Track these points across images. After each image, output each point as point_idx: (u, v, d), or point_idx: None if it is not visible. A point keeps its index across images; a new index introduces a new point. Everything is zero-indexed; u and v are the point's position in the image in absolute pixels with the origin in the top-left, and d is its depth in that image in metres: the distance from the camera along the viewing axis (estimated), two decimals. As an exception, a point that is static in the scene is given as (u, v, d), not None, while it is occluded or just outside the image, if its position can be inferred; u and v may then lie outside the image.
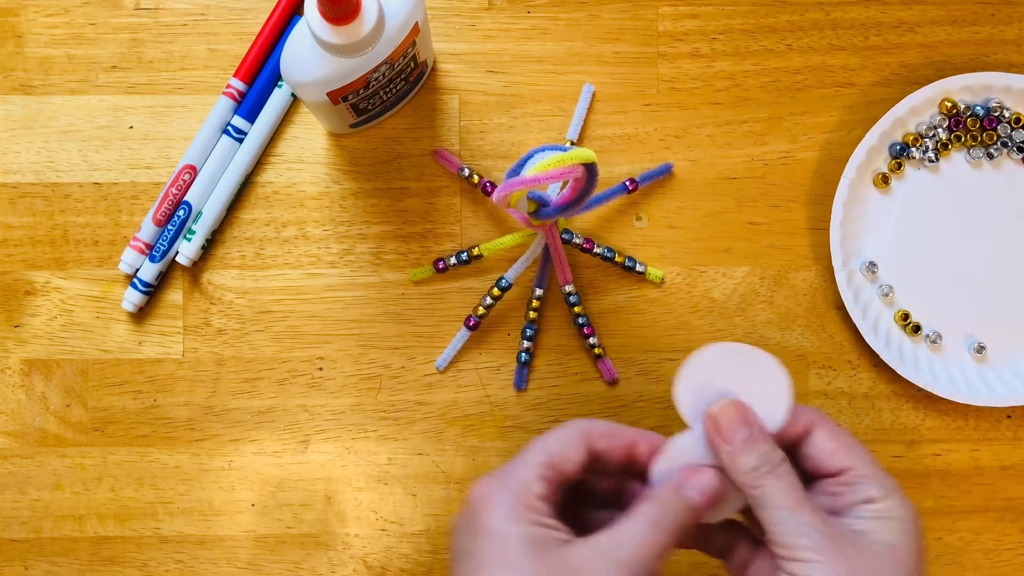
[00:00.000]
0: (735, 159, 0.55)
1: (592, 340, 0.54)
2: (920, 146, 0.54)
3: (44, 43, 0.55)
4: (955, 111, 0.54)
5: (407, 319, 0.54)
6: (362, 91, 0.48)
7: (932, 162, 0.54)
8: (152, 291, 0.54)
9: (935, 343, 0.54)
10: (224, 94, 0.54)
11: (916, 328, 0.54)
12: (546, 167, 0.42)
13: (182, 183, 0.53)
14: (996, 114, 0.54)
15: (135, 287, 0.53)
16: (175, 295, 0.54)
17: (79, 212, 0.54)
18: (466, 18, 0.55)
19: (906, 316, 0.54)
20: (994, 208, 0.55)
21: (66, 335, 0.54)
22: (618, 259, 0.54)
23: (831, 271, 0.54)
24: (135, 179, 0.54)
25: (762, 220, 0.55)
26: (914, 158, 0.54)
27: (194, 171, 0.53)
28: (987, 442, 0.55)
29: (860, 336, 0.54)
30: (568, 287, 0.53)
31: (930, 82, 0.54)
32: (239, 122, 0.53)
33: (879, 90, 0.55)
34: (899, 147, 0.54)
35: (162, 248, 0.53)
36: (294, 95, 0.54)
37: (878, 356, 0.53)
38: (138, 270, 0.53)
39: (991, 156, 0.54)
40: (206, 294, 0.54)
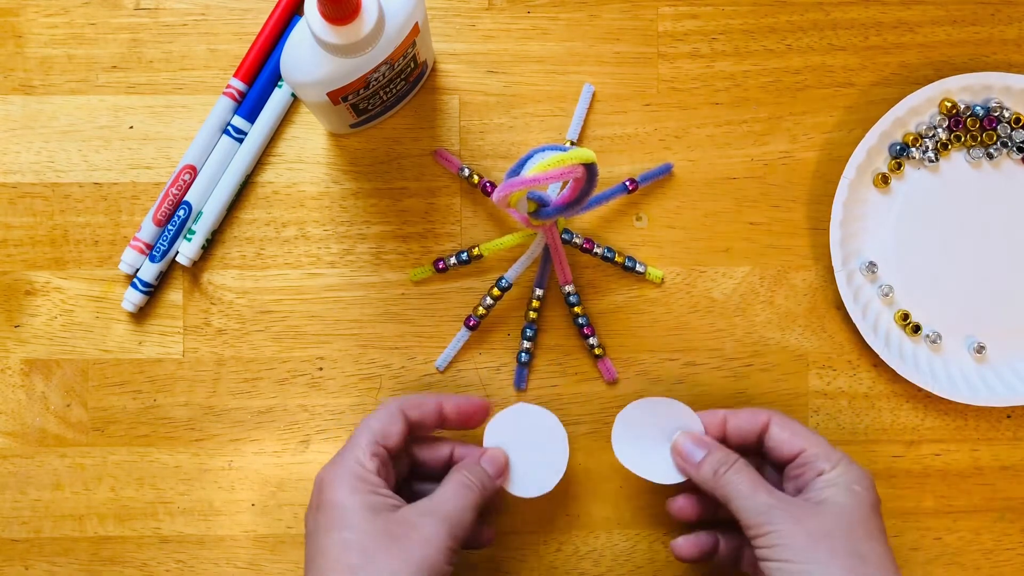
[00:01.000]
0: (735, 159, 0.55)
1: (592, 340, 0.54)
2: (920, 146, 0.54)
3: (44, 43, 0.55)
4: (955, 111, 0.54)
5: (407, 319, 0.54)
6: (362, 91, 0.48)
7: (932, 162, 0.54)
8: (152, 291, 0.54)
9: (935, 343, 0.54)
10: (224, 94, 0.54)
11: (916, 328, 0.54)
12: (546, 167, 0.42)
13: (182, 183, 0.53)
14: (996, 114, 0.54)
15: (135, 287, 0.53)
16: (175, 295, 0.54)
17: (79, 212, 0.54)
18: (466, 18, 0.55)
19: (906, 316, 0.54)
20: (994, 208, 0.55)
21: (66, 335, 0.54)
22: (618, 259, 0.54)
23: (831, 271, 0.54)
24: (135, 179, 0.54)
25: (762, 220, 0.55)
26: (914, 158, 0.55)
27: (194, 171, 0.53)
28: (987, 442, 0.55)
29: (860, 336, 0.54)
30: (568, 287, 0.53)
31: (930, 82, 0.54)
32: (239, 122, 0.53)
33: (879, 90, 0.55)
34: (899, 147, 0.54)
35: (162, 248, 0.53)
36: (294, 95, 0.54)
37: (878, 356, 0.53)
38: (138, 270, 0.53)
39: (991, 156, 0.54)
40: (206, 294, 0.54)
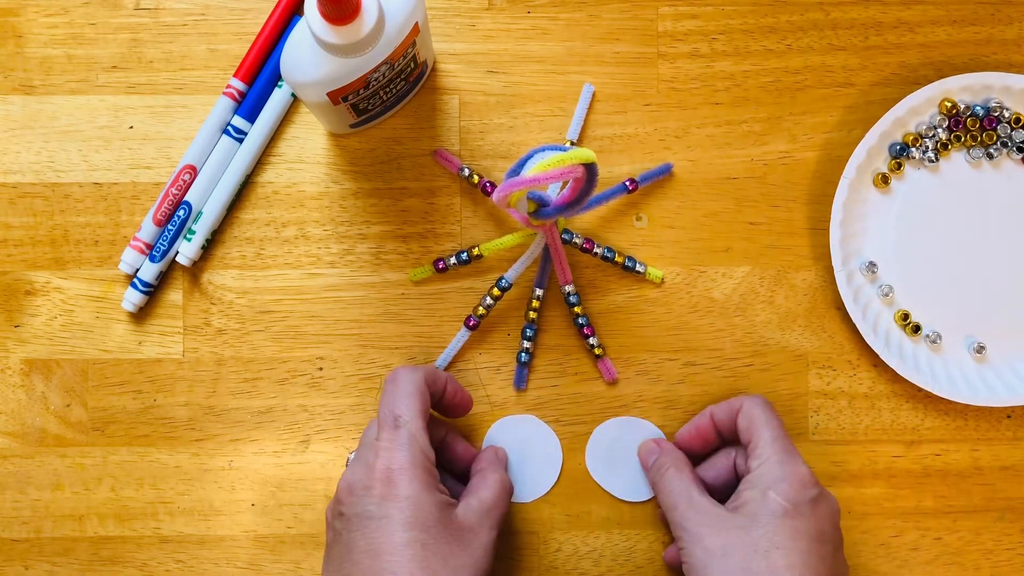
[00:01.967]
0: (735, 159, 0.55)
1: (592, 340, 0.54)
2: (920, 146, 0.54)
3: (44, 43, 0.55)
4: (955, 111, 0.54)
5: (407, 319, 0.54)
6: (362, 91, 0.48)
7: (932, 162, 0.54)
8: (152, 291, 0.54)
9: (935, 343, 0.54)
10: (224, 94, 0.54)
11: (916, 328, 0.54)
12: (546, 167, 0.42)
13: (182, 183, 0.53)
14: (996, 114, 0.54)
15: (135, 287, 0.53)
16: (175, 295, 0.54)
17: (79, 212, 0.54)
18: (466, 18, 0.55)
19: (906, 316, 0.54)
20: (994, 208, 0.55)
21: (66, 335, 0.54)
22: (618, 259, 0.54)
23: (831, 271, 0.54)
24: (135, 179, 0.54)
25: (762, 220, 0.55)
26: (914, 158, 0.55)
27: (194, 171, 0.53)
28: (987, 442, 0.55)
29: (860, 336, 0.54)
30: (568, 287, 0.53)
31: (930, 82, 0.54)
32: (239, 122, 0.53)
33: (879, 90, 0.55)
34: (899, 147, 0.54)
35: (162, 248, 0.53)
36: (294, 95, 0.54)
37: (878, 356, 0.53)
38: (138, 270, 0.53)
39: (991, 156, 0.54)
40: (206, 294, 0.54)
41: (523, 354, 0.54)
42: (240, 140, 0.54)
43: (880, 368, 0.55)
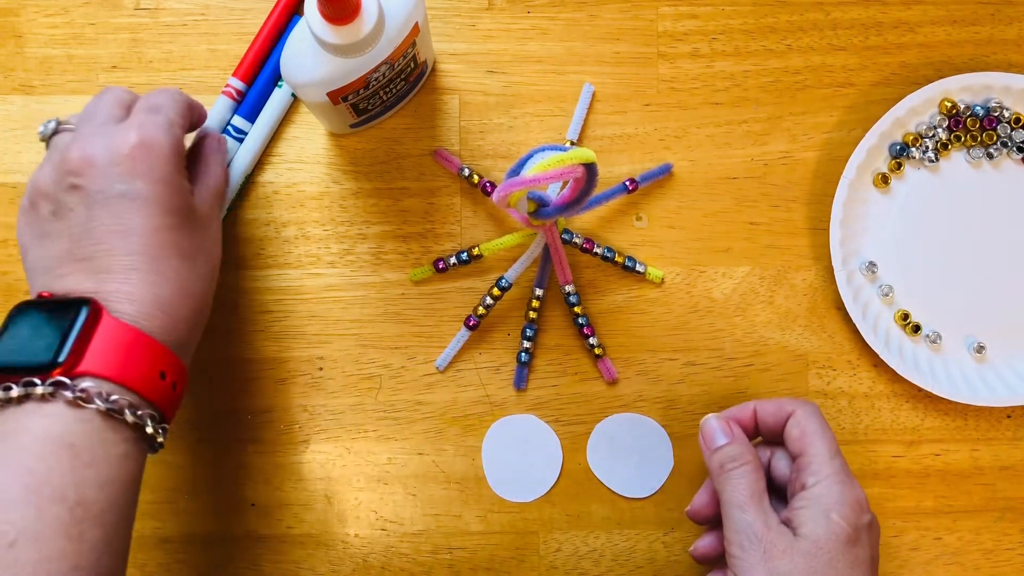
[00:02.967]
0: (735, 159, 0.55)
1: (592, 340, 0.54)
2: (920, 146, 0.54)
3: (44, 43, 0.55)
4: (955, 111, 0.54)
5: (407, 319, 0.54)
6: (362, 91, 0.48)
7: (932, 162, 0.54)
8: None
9: (935, 343, 0.54)
10: (223, 93, 0.54)
11: (916, 328, 0.54)
12: (546, 167, 0.42)
13: (182, 183, 0.53)
14: (996, 114, 0.54)
15: None
16: (175, 295, 0.54)
17: (79, 212, 0.54)
18: (466, 18, 0.55)
19: (906, 316, 0.54)
20: (994, 208, 0.55)
21: (66, 335, 0.54)
22: (618, 259, 0.54)
23: (831, 271, 0.54)
24: (135, 179, 0.54)
25: (762, 220, 0.55)
26: (914, 158, 0.55)
27: (194, 171, 0.53)
28: (987, 442, 0.55)
29: (860, 336, 0.54)
30: (568, 287, 0.53)
31: (930, 82, 0.54)
32: (239, 122, 0.53)
33: (879, 90, 0.55)
34: (899, 147, 0.54)
35: None
36: (294, 95, 0.54)
37: (878, 356, 0.53)
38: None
39: (991, 156, 0.54)
40: (206, 294, 0.54)
41: (523, 354, 0.54)
42: (240, 140, 0.54)
43: (880, 368, 0.55)
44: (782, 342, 0.55)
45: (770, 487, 0.47)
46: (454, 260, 0.53)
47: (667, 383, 0.54)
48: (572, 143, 0.54)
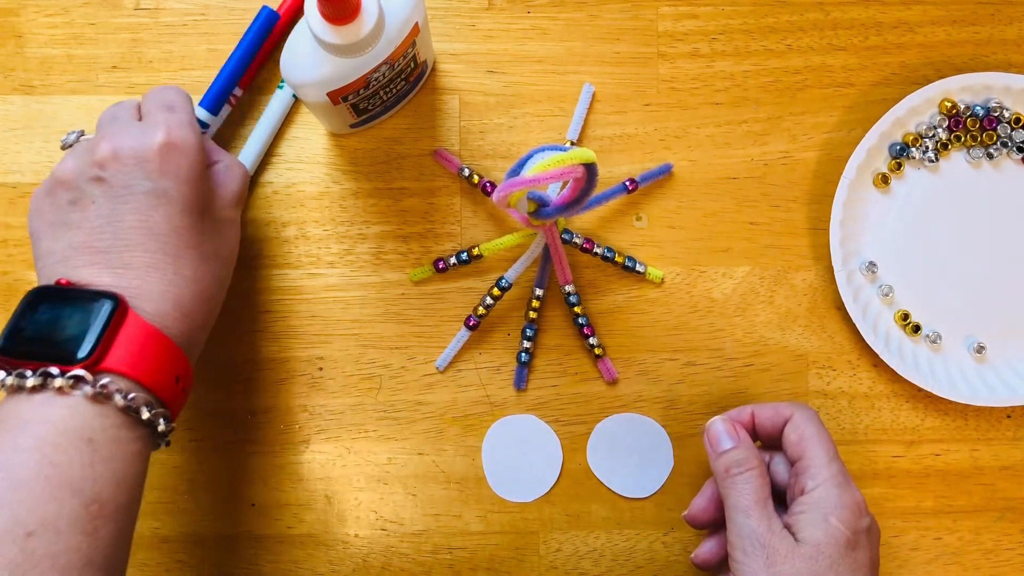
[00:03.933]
0: (735, 159, 0.55)
1: (592, 340, 0.54)
2: (920, 146, 0.54)
3: (44, 43, 0.55)
4: (955, 111, 0.54)
5: (407, 319, 0.54)
6: (362, 91, 0.48)
7: (932, 162, 0.54)
8: None
9: (935, 343, 0.54)
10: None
11: (916, 328, 0.54)
12: (546, 167, 0.42)
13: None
14: (996, 114, 0.54)
15: None
16: (175, 295, 0.54)
17: (79, 212, 0.54)
18: (466, 18, 0.55)
19: (906, 316, 0.54)
20: (994, 208, 0.55)
21: (66, 335, 0.54)
22: (618, 259, 0.54)
23: (831, 271, 0.54)
24: (135, 179, 0.54)
25: (762, 220, 0.55)
26: (914, 158, 0.55)
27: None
28: (987, 442, 0.55)
29: (860, 336, 0.54)
30: (568, 287, 0.53)
31: (930, 82, 0.54)
32: (201, 113, 0.52)
33: (879, 90, 0.55)
34: (899, 147, 0.54)
35: None
36: (295, 96, 0.54)
37: (878, 356, 0.53)
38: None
39: (991, 156, 0.54)
40: (206, 294, 0.54)
41: (523, 354, 0.54)
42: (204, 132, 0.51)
43: (880, 368, 0.55)
44: (782, 342, 0.55)
45: None
46: (454, 260, 0.53)
47: (667, 383, 0.54)
48: (572, 143, 0.54)
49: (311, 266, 0.54)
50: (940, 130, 0.54)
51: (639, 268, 0.54)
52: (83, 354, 0.39)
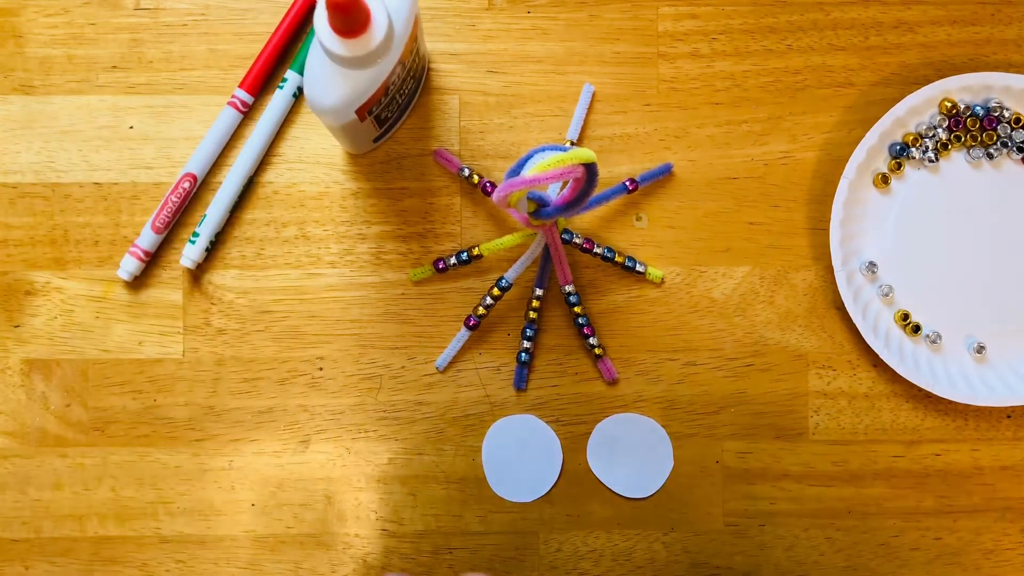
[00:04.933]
0: (735, 159, 0.55)
1: (592, 340, 0.54)
2: (920, 146, 0.54)
3: (44, 43, 0.55)
4: (955, 111, 0.54)
5: (407, 319, 0.54)
6: (383, 99, 0.48)
7: (932, 162, 0.54)
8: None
9: (935, 343, 0.54)
10: (229, 104, 0.54)
11: (916, 328, 0.54)
12: (546, 167, 0.42)
13: (182, 191, 0.53)
14: (996, 114, 0.54)
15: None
16: (175, 295, 0.54)
17: (79, 212, 0.54)
18: (466, 18, 0.55)
19: (906, 316, 0.54)
20: (994, 208, 0.55)
21: (66, 335, 0.54)
22: (618, 259, 0.54)
23: (831, 271, 0.54)
24: (135, 179, 0.54)
25: (762, 220, 0.55)
26: (914, 158, 0.55)
27: (194, 180, 0.53)
28: (987, 442, 0.55)
29: (860, 336, 0.54)
30: (568, 287, 0.53)
31: (930, 82, 0.54)
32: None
33: (879, 90, 0.55)
34: (899, 147, 0.54)
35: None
36: (295, 96, 0.54)
37: (878, 356, 0.53)
38: (137, 274, 0.53)
39: (991, 156, 0.54)
40: (206, 294, 0.54)
41: (523, 354, 0.54)
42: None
43: (880, 368, 0.55)
44: (782, 342, 0.55)
45: None
46: (454, 260, 0.53)
47: (667, 383, 0.54)
48: (572, 143, 0.54)
49: (311, 266, 0.54)
50: (940, 130, 0.54)
51: (639, 268, 0.54)
52: None
